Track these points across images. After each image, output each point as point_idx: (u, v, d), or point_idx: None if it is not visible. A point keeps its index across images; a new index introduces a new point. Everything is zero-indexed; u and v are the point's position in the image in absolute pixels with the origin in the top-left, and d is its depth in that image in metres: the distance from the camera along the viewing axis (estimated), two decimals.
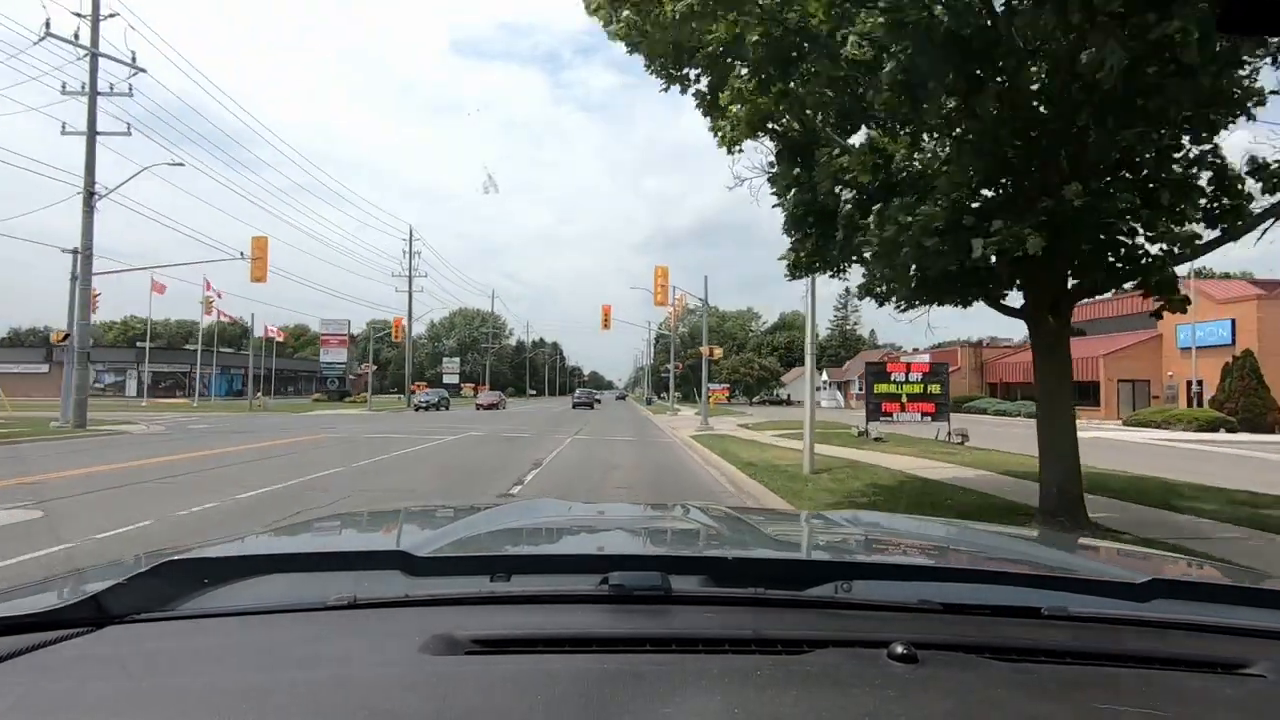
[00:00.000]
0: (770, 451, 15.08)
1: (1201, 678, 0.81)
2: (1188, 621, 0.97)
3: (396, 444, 16.70)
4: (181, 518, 7.26)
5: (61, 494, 8.73)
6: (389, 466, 12.64)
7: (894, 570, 1.28)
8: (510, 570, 1.06)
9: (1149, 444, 21.29)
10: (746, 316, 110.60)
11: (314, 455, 14.10)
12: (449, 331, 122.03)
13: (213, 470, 11.62)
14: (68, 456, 12.91)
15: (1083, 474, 6.95)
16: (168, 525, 6.88)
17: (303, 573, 1.17)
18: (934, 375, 17.86)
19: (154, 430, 20.64)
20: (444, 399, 46.57)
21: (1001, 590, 1.06)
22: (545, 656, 0.80)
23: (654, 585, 0.95)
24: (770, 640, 0.83)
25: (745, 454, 14.26)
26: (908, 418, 17.53)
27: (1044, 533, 2.72)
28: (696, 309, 31.64)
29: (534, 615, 0.93)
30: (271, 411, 37.45)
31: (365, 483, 10.26)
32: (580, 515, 1.93)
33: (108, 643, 0.87)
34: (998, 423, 32.37)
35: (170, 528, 6.77)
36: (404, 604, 0.96)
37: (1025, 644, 0.86)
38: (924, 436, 18.34)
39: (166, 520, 7.08)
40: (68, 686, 0.74)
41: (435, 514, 1.94)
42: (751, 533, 1.67)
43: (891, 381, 17.66)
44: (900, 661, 0.77)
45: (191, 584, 1.01)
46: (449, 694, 0.70)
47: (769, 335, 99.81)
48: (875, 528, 1.87)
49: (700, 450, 16.35)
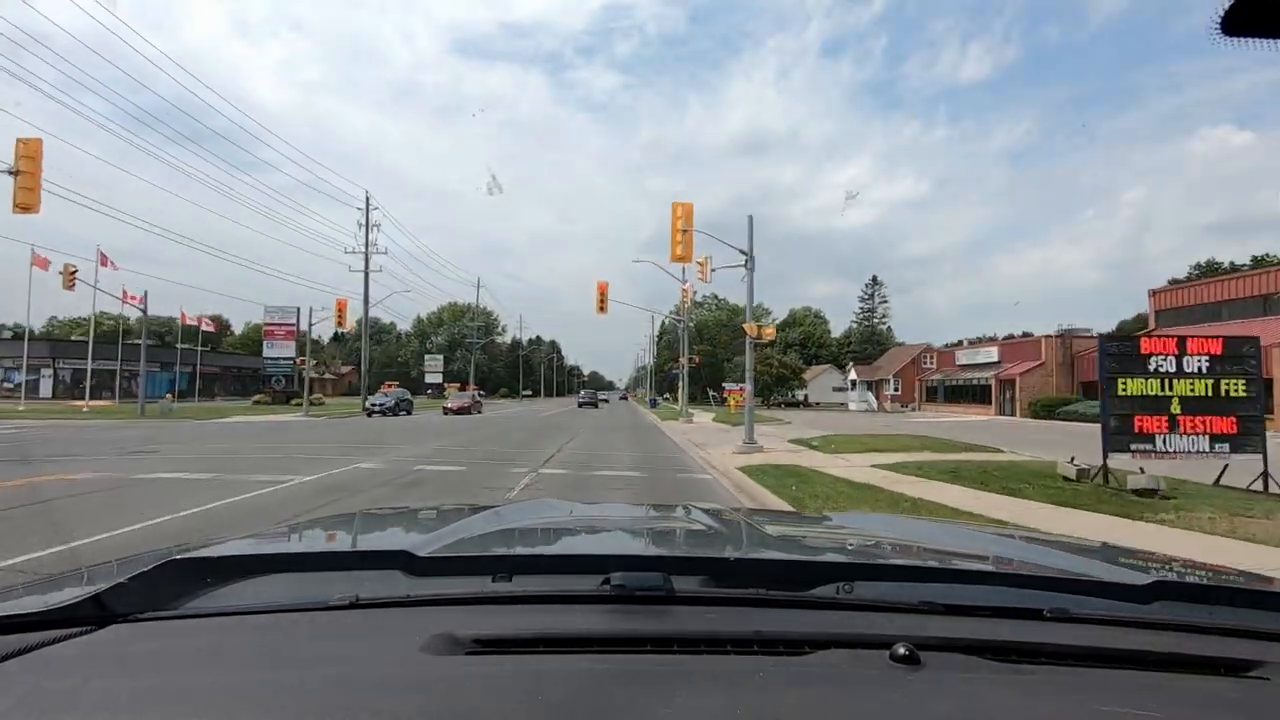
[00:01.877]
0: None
1: (1204, 679, 0.81)
2: (1190, 623, 0.96)
3: (196, 493, 8.31)
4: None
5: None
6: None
7: (896, 571, 1.28)
8: (512, 570, 1.07)
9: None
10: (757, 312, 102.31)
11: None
12: (437, 327, 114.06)
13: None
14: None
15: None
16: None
17: (305, 572, 1.18)
18: (1233, 361, 9.06)
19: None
20: (404, 401, 38.01)
21: (1004, 592, 1.06)
22: (547, 657, 0.80)
23: (656, 585, 0.95)
24: (772, 640, 0.84)
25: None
26: (1184, 444, 8.88)
27: (1046, 535, 2.41)
28: (705, 302, 24.90)
29: (536, 615, 0.93)
30: (171, 418, 29.02)
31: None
32: (582, 516, 1.96)
33: (110, 641, 0.87)
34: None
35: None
36: (406, 604, 0.96)
37: (1027, 645, 0.86)
38: (1220, 483, 9.61)
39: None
40: (70, 685, 0.73)
41: (437, 514, 1.93)
42: (753, 533, 1.71)
43: (1152, 373, 8.98)
44: (902, 662, 0.77)
45: (194, 583, 1.02)
46: (451, 694, 0.70)
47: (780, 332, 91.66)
48: (877, 528, 1.94)
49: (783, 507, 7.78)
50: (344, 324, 35.78)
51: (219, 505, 7.83)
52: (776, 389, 66.29)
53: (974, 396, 46.56)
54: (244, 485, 9.33)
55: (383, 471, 11.49)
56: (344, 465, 12.14)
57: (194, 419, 29.12)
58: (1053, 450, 14.00)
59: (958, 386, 49.67)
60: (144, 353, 33.35)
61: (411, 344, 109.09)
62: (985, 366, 46.36)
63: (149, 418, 29.05)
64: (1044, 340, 39.98)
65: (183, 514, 7.29)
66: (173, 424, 25.64)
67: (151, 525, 6.70)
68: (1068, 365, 39.57)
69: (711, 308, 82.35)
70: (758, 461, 12.97)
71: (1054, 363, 39.19)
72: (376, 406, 36.20)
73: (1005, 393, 41.68)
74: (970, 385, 47.64)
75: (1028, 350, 41.40)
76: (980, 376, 45.82)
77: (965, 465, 11.69)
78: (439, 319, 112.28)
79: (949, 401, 50.00)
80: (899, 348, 72.69)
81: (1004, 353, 44.21)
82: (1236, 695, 0.77)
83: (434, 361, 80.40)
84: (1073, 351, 39.77)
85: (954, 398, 49.70)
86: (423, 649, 0.79)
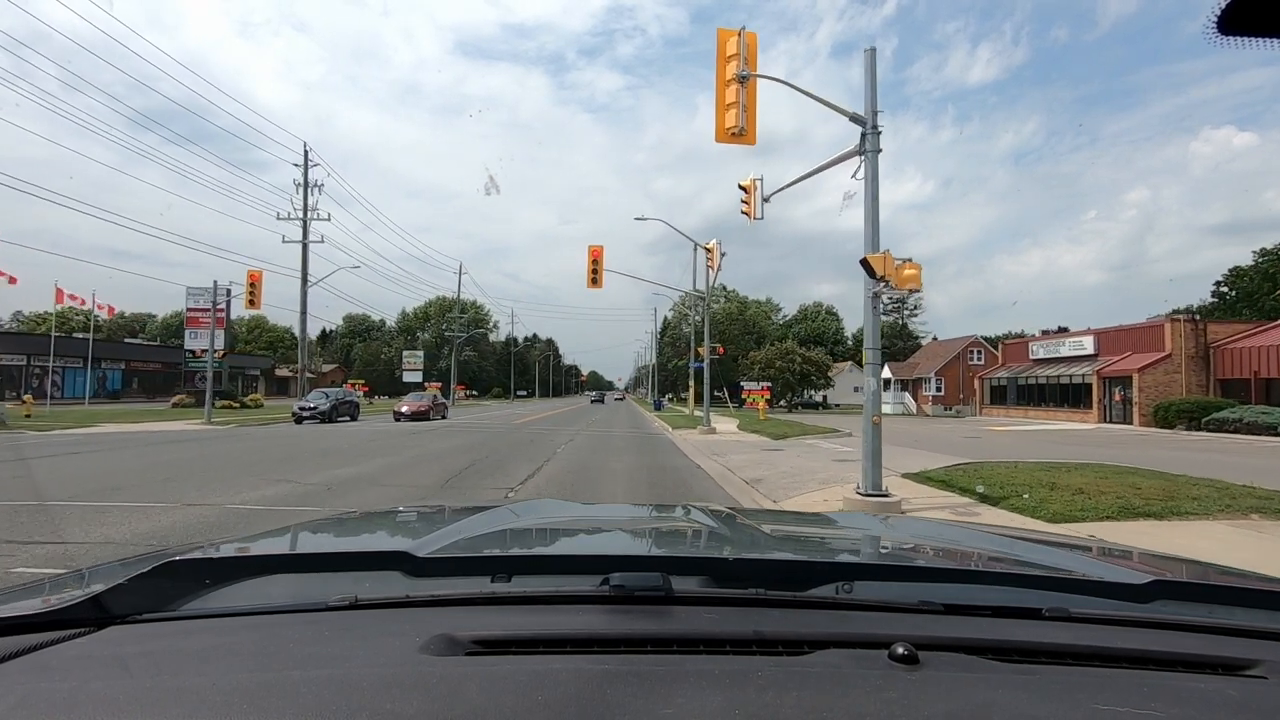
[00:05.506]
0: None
1: (1203, 679, 0.81)
2: (1189, 623, 0.96)
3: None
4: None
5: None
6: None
7: (895, 571, 1.28)
8: (511, 571, 1.06)
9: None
10: (768, 307, 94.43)
11: None
12: (424, 323, 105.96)
13: None
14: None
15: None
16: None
17: (304, 573, 1.17)
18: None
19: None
20: (345, 404, 30.09)
21: (1003, 591, 1.05)
22: (546, 657, 0.79)
23: (655, 586, 0.94)
24: (771, 641, 0.83)
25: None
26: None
27: (1046, 534, 2.13)
28: (713, 292, 18.15)
29: (535, 616, 0.93)
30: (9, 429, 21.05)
31: None
32: (581, 516, 1.93)
33: (109, 643, 0.86)
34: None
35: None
36: (405, 604, 0.96)
37: (1026, 645, 0.86)
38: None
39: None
40: (69, 686, 0.73)
41: (436, 515, 1.92)
42: (752, 534, 1.68)
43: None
44: (901, 662, 0.77)
45: (193, 584, 1.01)
46: (450, 694, 0.69)
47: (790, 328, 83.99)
48: (876, 529, 1.90)
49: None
50: (256, 303, 27.72)
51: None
52: (798, 388, 58.20)
53: (1061, 398, 37.57)
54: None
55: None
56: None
57: (46, 429, 21.22)
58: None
59: (1037, 386, 40.15)
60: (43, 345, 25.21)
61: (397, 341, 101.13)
62: (1076, 360, 37.21)
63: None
64: (1169, 325, 30.78)
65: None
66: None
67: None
68: (1200, 358, 30.80)
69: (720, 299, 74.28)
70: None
71: (1181, 354, 30.46)
72: (307, 411, 28.24)
73: (1113, 393, 33.03)
74: (1055, 384, 38.41)
75: (1142, 339, 32.39)
76: (1070, 373, 36.68)
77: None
78: (425, 314, 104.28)
79: (1023, 404, 40.97)
80: (936, 343, 64.58)
81: (1103, 342, 34.89)
82: (1235, 694, 0.77)
83: (413, 358, 72.12)
84: (1206, 340, 30.86)
85: (1030, 399, 40.47)
86: (422, 650, 0.79)
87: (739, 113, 8.61)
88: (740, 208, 11.30)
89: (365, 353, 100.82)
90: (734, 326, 69.13)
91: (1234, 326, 32.52)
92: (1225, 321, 34.57)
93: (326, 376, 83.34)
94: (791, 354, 56.22)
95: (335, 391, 31.29)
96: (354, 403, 31.46)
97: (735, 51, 8.66)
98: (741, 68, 8.56)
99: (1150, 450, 18.62)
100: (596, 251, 22.43)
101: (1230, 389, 29.51)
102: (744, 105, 8.60)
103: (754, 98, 8.70)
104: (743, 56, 8.62)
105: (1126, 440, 23.02)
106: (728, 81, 8.72)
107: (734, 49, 8.67)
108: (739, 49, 8.64)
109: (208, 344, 30.93)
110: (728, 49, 8.72)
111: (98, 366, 49.40)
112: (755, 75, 8.59)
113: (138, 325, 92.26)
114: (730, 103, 8.64)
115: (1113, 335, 34.84)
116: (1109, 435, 25.63)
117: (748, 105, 8.64)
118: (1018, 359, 43.10)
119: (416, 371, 69.85)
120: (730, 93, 8.65)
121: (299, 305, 34.89)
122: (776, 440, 20.07)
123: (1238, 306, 55.28)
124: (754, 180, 11.18)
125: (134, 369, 54.50)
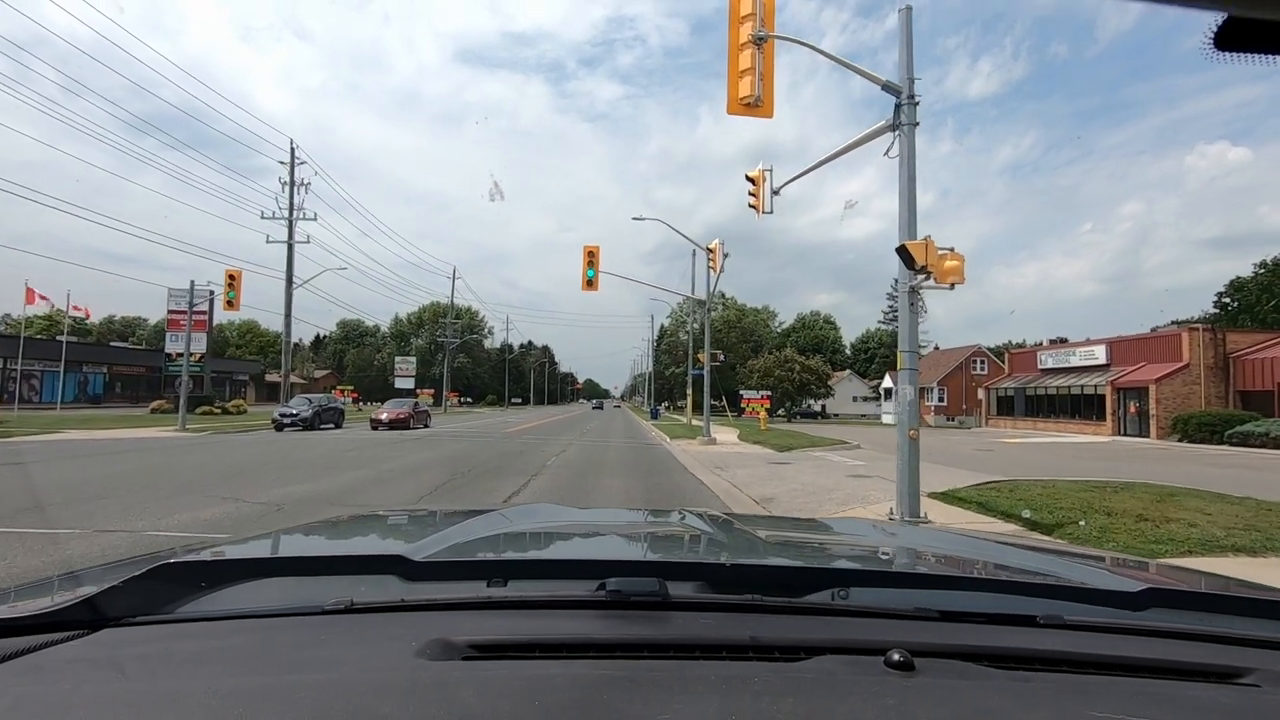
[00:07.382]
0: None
1: (1196, 686, 0.80)
2: (1183, 630, 0.96)
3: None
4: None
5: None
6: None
7: (891, 578, 1.26)
8: (507, 575, 1.05)
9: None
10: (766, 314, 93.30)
11: None
12: (417, 329, 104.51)
13: None
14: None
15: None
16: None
17: (299, 577, 1.15)
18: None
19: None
20: (327, 410, 28.76)
21: (998, 598, 1.05)
22: (542, 662, 0.79)
23: (651, 591, 0.94)
24: (767, 647, 0.83)
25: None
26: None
27: (1041, 542, 2.21)
28: (706, 303, 17.16)
29: (531, 620, 0.92)
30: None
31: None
32: (578, 521, 1.90)
33: (103, 645, 0.85)
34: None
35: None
36: (400, 608, 0.95)
37: (1021, 652, 0.85)
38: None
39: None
40: (63, 689, 0.73)
41: (432, 519, 1.89)
42: (749, 539, 1.67)
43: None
44: (897, 669, 0.77)
45: (188, 587, 1.00)
46: (445, 699, 0.69)
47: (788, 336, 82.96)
48: (872, 535, 1.91)
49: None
50: (236, 304, 26.46)
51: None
52: (797, 397, 57.00)
53: (1073, 410, 36.31)
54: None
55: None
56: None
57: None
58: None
59: (1046, 397, 38.89)
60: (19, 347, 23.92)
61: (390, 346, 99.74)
62: (1087, 371, 36.07)
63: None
64: (1187, 334, 29.59)
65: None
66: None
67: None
68: (1219, 369, 29.70)
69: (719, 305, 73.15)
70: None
71: (1201, 365, 29.40)
72: (288, 418, 26.92)
73: (1127, 405, 31.84)
74: (1065, 395, 37.19)
75: (1157, 349, 31.19)
76: (1082, 384, 35.57)
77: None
78: (419, 319, 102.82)
79: (1032, 415, 39.74)
80: (938, 352, 63.55)
81: (1116, 352, 33.63)
82: (1228, 702, 0.77)
83: (405, 364, 70.57)
84: (1226, 351, 29.80)
85: (1040, 411, 39.21)
86: (418, 654, 0.78)
87: (754, 80, 7.47)
88: (742, 208, 10.18)
89: (358, 358, 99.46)
90: (732, 334, 67.93)
91: (1254, 336, 31.45)
92: (1245, 331, 33.45)
93: (319, 382, 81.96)
94: (791, 362, 55.03)
95: (319, 398, 29.94)
96: (338, 409, 30.14)
97: (751, 10, 7.52)
98: (758, 28, 7.42)
99: (1181, 466, 17.47)
100: (592, 249, 21.33)
101: (1251, 401, 28.38)
102: (760, 72, 7.46)
103: (771, 63, 7.56)
104: (759, 16, 7.48)
105: (1148, 454, 21.88)
106: (741, 45, 7.58)
107: (749, 8, 7.53)
108: (755, 7, 7.50)
109: (185, 347, 29.57)
110: (741, 8, 7.58)
111: (78, 370, 47.99)
112: (774, 36, 7.44)
113: (129, 329, 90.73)
114: (745, 69, 7.50)
115: (1125, 345, 33.65)
116: (1128, 449, 24.49)
117: (764, 72, 7.50)
118: (1025, 369, 41.87)
119: (409, 378, 68.39)
120: (745, 58, 7.51)
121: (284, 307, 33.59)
122: (782, 452, 18.87)
123: (1240, 317, 54.52)
124: (763, 171, 10.03)
125: (118, 373, 52.98)
